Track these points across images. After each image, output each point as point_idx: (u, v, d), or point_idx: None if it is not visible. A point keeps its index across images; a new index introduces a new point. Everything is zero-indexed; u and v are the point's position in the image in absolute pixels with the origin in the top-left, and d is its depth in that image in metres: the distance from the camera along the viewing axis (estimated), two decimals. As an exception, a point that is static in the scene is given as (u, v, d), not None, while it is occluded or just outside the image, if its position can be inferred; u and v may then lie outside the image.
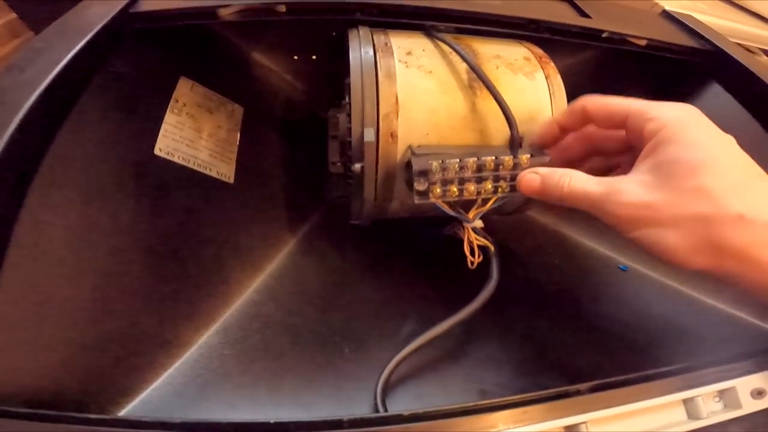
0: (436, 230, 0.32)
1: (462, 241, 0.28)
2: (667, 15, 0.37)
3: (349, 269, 0.32)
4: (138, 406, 0.21)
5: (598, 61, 0.39)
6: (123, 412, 0.20)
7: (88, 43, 0.23)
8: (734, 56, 0.31)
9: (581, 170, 0.22)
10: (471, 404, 0.18)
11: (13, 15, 0.44)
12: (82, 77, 0.23)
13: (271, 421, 0.16)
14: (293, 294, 0.30)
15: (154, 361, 0.22)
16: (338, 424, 0.16)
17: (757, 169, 0.18)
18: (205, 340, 0.25)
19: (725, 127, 0.19)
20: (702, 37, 0.33)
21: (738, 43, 0.49)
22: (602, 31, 0.32)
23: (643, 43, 0.32)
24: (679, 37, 0.34)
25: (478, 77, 0.27)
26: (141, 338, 0.22)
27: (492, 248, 0.28)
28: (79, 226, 0.21)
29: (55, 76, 0.20)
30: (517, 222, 0.38)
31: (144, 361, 0.22)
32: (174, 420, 0.16)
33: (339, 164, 0.34)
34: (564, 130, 0.25)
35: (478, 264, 0.27)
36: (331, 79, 0.38)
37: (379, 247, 0.34)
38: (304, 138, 0.40)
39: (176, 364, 0.23)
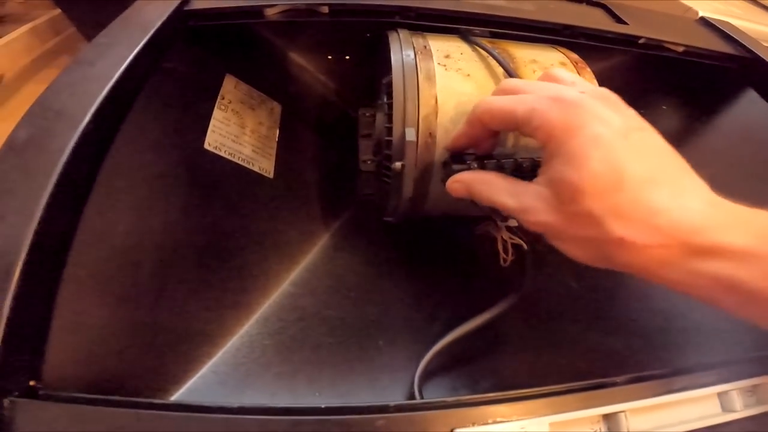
0: (464, 231, 0.33)
1: (493, 240, 0.29)
2: (704, 21, 0.37)
3: (380, 264, 0.33)
4: (185, 393, 0.22)
5: (631, 67, 0.39)
6: (172, 399, 0.21)
7: (151, 38, 0.24)
8: (772, 64, 0.31)
9: None
10: (513, 393, 0.18)
11: (57, 11, 0.45)
12: (144, 72, 0.24)
13: (323, 406, 0.17)
14: (328, 287, 0.30)
15: (199, 350, 0.23)
16: (384, 408, 0.17)
17: (644, 175, 0.17)
18: (246, 329, 0.26)
19: (761, 137, 0.19)
20: (739, 44, 0.33)
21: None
22: (639, 37, 0.32)
23: (681, 49, 0.32)
24: (716, 43, 0.34)
25: (516, 81, 0.27)
26: (189, 327, 0.23)
27: (525, 246, 0.28)
28: (138, 219, 0.22)
29: (124, 69, 0.22)
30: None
31: (191, 349, 0.23)
32: (232, 405, 0.16)
33: (370, 162, 0.35)
34: (472, 138, 0.24)
35: (508, 264, 0.27)
36: (363, 79, 0.39)
37: (409, 244, 0.35)
38: (335, 136, 0.41)
39: (219, 353, 0.24)
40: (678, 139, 0.39)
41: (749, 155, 0.32)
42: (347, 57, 0.41)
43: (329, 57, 0.41)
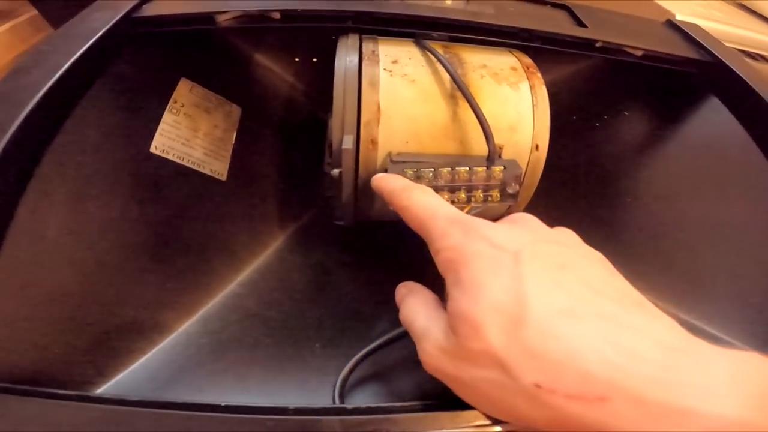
0: (416, 234, 0.33)
1: None
2: (671, 24, 0.36)
3: (331, 267, 0.33)
4: (112, 386, 0.23)
5: (597, 71, 0.38)
6: (97, 392, 0.22)
7: (91, 47, 0.25)
8: (735, 69, 0.30)
9: None
10: (416, 403, 0.18)
11: (36, 11, 0.47)
12: (85, 79, 0.25)
13: (222, 404, 0.18)
14: (275, 289, 0.31)
15: (132, 346, 0.24)
16: (283, 411, 0.17)
17: (559, 306, 0.14)
18: (185, 328, 0.27)
19: (720, 146, 0.18)
20: (703, 48, 0.32)
21: (754, 53, 0.47)
22: (596, 41, 0.31)
23: (639, 53, 0.32)
24: (680, 47, 0.33)
25: (458, 87, 0.27)
26: (122, 324, 0.24)
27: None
28: (72, 218, 0.23)
29: (57, 78, 0.22)
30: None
31: (123, 345, 0.24)
32: (129, 398, 0.17)
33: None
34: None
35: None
36: (332, 81, 0.39)
37: (363, 249, 0.35)
38: (303, 138, 0.41)
39: (154, 350, 0.25)
40: (638, 146, 0.38)
41: (705, 167, 0.31)
42: (314, 59, 0.41)
43: (296, 59, 0.41)
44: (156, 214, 0.28)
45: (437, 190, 0.25)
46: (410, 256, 0.35)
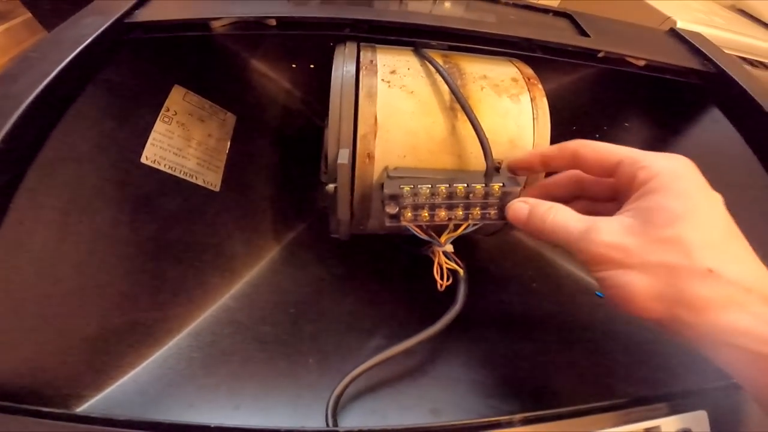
0: (413, 249, 0.32)
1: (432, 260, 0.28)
2: (674, 33, 0.35)
3: (326, 281, 0.33)
4: (101, 400, 0.22)
5: (599, 81, 0.37)
6: (85, 406, 0.22)
7: (81, 53, 0.24)
8: (737, 80, 0.30)
9: None
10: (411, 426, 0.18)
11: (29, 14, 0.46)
12: (74, 87, 0.24)
13: (212, 425, 0.17)
14: (269, 302, 0.31)
15: (121, 361, 0.24)
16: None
17: (736, 230, 0.18)
18: (176, 342, 0.26)
19: (720, 157, 0.19)
20: (706, 58, 0.32)
21: (754, 60, 0.46)
22: (599, 51, 0.31)
23: (642, 63, 0.31)
24: (683, 57, 0.32)
25: (457, 101, 0.26)
26: (110, 337, 0.24)
27: (461, 272, 0.28)
28: (60, 230, 0.23)
29: (44, 86, 0.22)
30: (500, 241, 0.38)
31: (111, 359, 0.23)
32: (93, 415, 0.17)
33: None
34: (545, 165, 0.25)
35: (443, 289, 0.27)
36: (329, 87, 0.38)
37: (358, 260, 0.35)
38: (299, 147, 0.41)
39: (144, 364, 0.25)
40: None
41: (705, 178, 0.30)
42: (312, 66, 0.41)
43: (293, 65, 0.41)
44: (147, 226, 0.27)
45: (435, 206, 0.25)
46: (407, 268, 0.35)
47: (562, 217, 0.21)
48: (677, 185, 0.19)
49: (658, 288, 0.18)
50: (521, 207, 0.23)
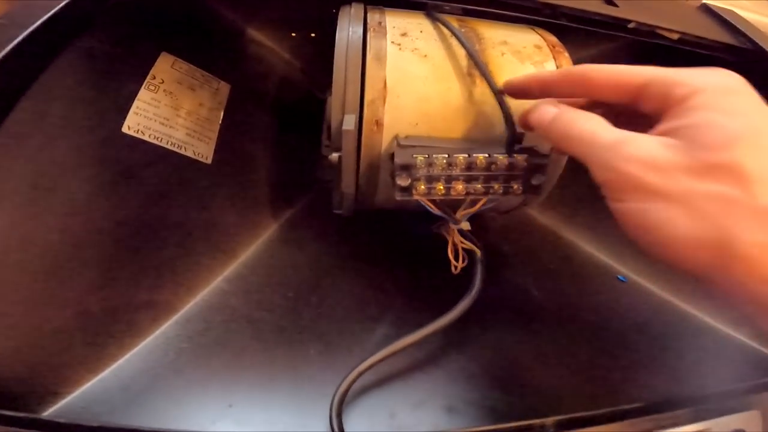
0: (423, 226, 0.30)
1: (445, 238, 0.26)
2: (706, 8, 0.33)
3: (328, 261, 0.30)
4: (78, 398, 0.20)
5: (621, 54, 0.35)
6: (60, 404, 0.19)
7: (53, 17, 0.21)
8: (776, 57, 0.27)
9: None
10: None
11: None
12: (45, 52, 0.21)
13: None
14: (265, 285, 0.28)
15: (102, 352, 0.21)
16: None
17: None
18: (162, 330, 0.24)
19: None
20: (742, 34, 0.29)
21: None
22: (629, 21, 0.28)
23: (675, 36, 0.29)
24: (717, 32, 0.30)
25: (475, 64, 0.24)
26: (88, 327, 0.21)
27: (478, 253, 0.26)
28: (28, 209, 0.20)
29: (8, 52, 0.19)
30: (514, 220, 0.35)
31: (90, 351, 0.21)
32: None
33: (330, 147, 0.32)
34: (544, 91, 0.21)
35: (459, 271, 0.25)
36: (332, 58, 0.36)
37: (363, 239, 0.32)
38: (298, 119, 0.38)
39: (127, 356, 0.22)
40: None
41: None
42: (313, 34, 0.38)
43: (293, 34, 0.38)
44: (128, 202, 0.24)
45: (451, 179, 0.22)
46: (416, 248, 0.32)
47: (592, 125, 0.17)
48: (730, 101, 0.15)
49: (703, 229, 0.14)
50: (548, 110, 0.19)
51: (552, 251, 0.33)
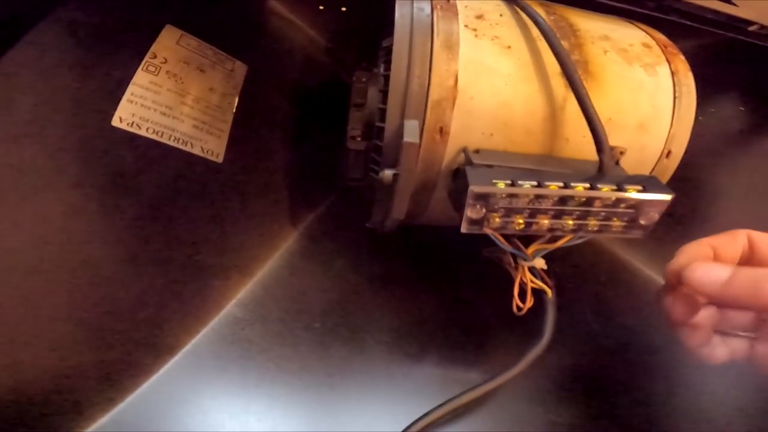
0: (472, 245, 0.25)
1: (504, 268, 0.22)
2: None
3: (359, 281, 0.26)
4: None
5: (710, 54, 0.30)
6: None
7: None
8: None
9: None
10: None
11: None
12: (9, 26, 0.16)
13: None
14: (287, 312, 0.24)
15: (83, 413, 0.17)
16: None
17: None
18: (161, 374, 0.19)
19: None
20: None
21: None
22: (751, 23, 0.23)
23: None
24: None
25: (561, 66, 0.18)
26: (63, 387, 0.16)
27: (549, 295, 0.21)
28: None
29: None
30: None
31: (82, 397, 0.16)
32: None
33: (360, 140, 0.27)
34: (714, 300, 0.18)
35: (524, 313, 0.21)
36: (362, 35, 0.30)
37: (400, 255, 0.28)
38: (321, 106, 0.32)
39: (128, 399, 0.18)
40: (747, 148, 0.31)
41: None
42: (343, 8, 0.32)
43: (320, 7, 0.32)
44: (120, 214, 0.19)
45: (537, 213, 0.18)
46: (462, 270, 0.28)
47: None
48: None
49: None
50: (718, 270, 0.16)
51: (608, 274, 0.29)
